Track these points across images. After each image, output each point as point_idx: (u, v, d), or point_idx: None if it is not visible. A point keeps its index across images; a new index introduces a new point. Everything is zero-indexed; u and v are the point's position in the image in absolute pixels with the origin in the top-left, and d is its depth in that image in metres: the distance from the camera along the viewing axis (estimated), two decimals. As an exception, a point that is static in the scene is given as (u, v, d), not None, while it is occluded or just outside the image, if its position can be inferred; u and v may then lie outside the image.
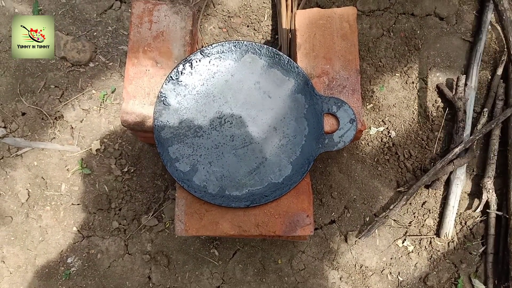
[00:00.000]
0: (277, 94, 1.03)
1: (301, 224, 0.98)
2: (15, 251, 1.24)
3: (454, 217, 1.23)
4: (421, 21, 1.36)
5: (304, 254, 1.23)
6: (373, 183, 1.27)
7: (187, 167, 1.01)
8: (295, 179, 0.99)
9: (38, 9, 1.37)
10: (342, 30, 1.06)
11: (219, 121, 1.02)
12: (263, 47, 1.03)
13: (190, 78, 1.02)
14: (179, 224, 0.99)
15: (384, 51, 1.34)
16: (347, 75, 1.03)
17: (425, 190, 1.26)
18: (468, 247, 1.24)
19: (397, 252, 1.24)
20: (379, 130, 1.29)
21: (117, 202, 1.26)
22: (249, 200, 0.98)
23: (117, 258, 1.23)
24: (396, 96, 1.31)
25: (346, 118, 1.00)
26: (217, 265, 1.23)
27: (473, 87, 1.29)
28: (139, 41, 1.04)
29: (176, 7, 1.06)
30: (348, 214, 1.25)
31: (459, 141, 1.24)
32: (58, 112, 1.31)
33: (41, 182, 1.27)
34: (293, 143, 1.02)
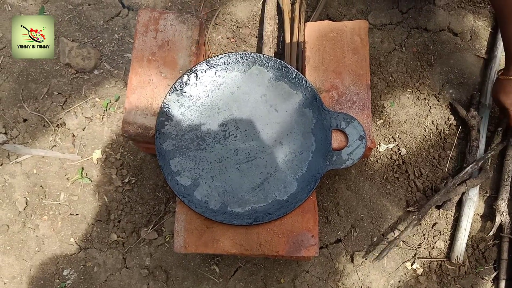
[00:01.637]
0: (284, 107, 1.00)
1: (305, 244, 0.94)
2: (10, 261, 1.20)
3: (466, 240, 1.18)
4: (434, 36, 1.33)
5: (308, 274, 1.18)
6: (381, 201, 1.22)
7: (188, 181, 0.97)
8: (301, 197, 0.95)
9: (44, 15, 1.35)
10: (353, 44, 1.02)
11: (223, 134, 0.99)
12: (270, 59, 1.00)
13: (194, 89, 0.99)
14: (178, 240, 0.95)
15: (396, 66, 1.30)
16: (357, 90, 1.00)
17: (436, 211, 1.21)
18: (479, 271, 1.19)
19: (406, 275, 1.19)
20: (389, 147, 1.25)
21: (117, 213, 1.22)
22: (252, 218, 0.94)
23: (114, 272, 1.19)
24: (407, 112, 1.27)
25: (355, 135, 0.96)
26: (217, 283, 1.18)
27: (487, 105, 1.25)
28: (144, 50, 1.01)
29: (182, 16, 1.03)
30: (355, 233, 1.21)
31: (472, 161, 1.19)
32: (60, 119, 1.28)
33: (40, 191, 1.24)
34: (300, 159, 0.98)
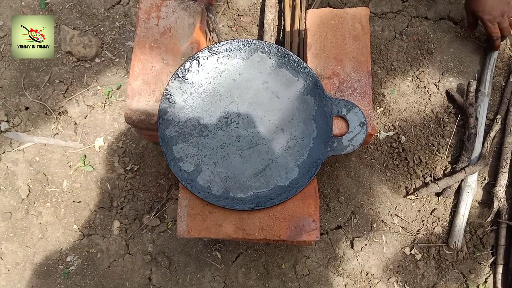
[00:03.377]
0: (286, 94, 1.00)
1: (306, 229, 0.95)
2: (14, 247, 1.21)
3: (464, 226, 1.19)
4: (434, 24, 1.33)
5: (309, 260, 1.20)
6: (381, 188, 1.24)
7: (191, 167, 0.98)
8: (302, 182, 0.96)
9: (45, 3, 1.35)
10: (354, 31, 1.03)
11: (225, 121, 1.00)
12: (272, 46, 1.00)
13: (197, 76, 1.00)
14: (181, 225, 0.96)
15: (396, 54, 1.31)
16: (358, 77, 1.00)
17: (435, 198, 1.23)
18: (477, 257, 1.21)
19: (405, 260, 1.20)
20: (389, 134, 1.26)
21: (119, 200, 1.23)
22: (254, 203, 0.95)
23: (118, 258, 1.20)
24: (407, 100, 1.28)
25: (356, 121, 0.97)
26: (219, 268, 1.20)
27: (486, 93, 1.26)
28: (146, 37, 1.01)
29: (184, 3, 1.03)
30: (355, 220, 1.22)
31: (471, 148, 1.21)
32: (62, 107, 1.29)
33: (43, 178, 1.25)
34: (301, 146, 0.99)
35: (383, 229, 1.21)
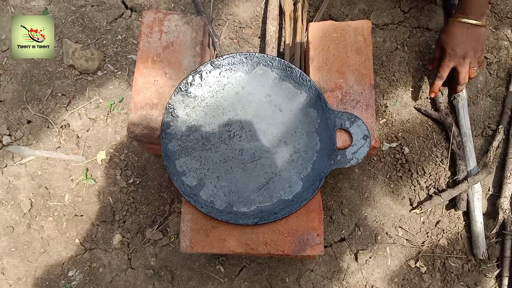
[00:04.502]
0: (289, 107, 1.00)
1: (311, 243, 0.95)
2: (15, 262, 1.21)
3: (484, 233, 1.18)
4: (436, 35, 1.33)
5: (313, 273, 1.19)
6: (385, 200, 1.23)
7: (194, 181, 0.98)
8: (306, 196, 0.96)
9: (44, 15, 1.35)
10: (356, 43, 1.03)
11: (228, 134, 0.99)
12: (275, 60, 1.01)
13: (199, 90, 1.00)
14: (184, 240, 0.95)
15: (398, 65, 1.31)
16: (361, 90, 1.00)
17: (439, 209, 1.22)
18: (482, 269, 1.19)
19: (409, 273, 1.19)
20: (392, 146, 1.26)
21: (121, 214, 1.23)
22: (258, 217, 0.95)
23: (120, 272, 1.19)
24: (410, 111, 1.28)
25: (359, 134, 0.97)
26: (222, 282, 1.19)
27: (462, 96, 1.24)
28: (149, 51, 1.02)
29: (187, 17, 1.04)
30: (359, 232, 1.21)
31: (463, 156, 1.20)
32: (64, 120, 1.29)
33: (45, 192, 1.24)
34: (304, 159, 0.98)
35: (387, 242, 1.20)
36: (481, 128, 1.27)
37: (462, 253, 1.20)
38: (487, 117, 1.28)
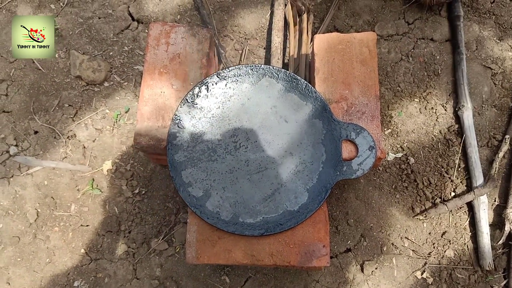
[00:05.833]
0: (294, 118, 1.01)
1: (317, 254, 0.94)
2: (21, 272, 1.21)
3: (490, 243, 1.17)
4: (440, 46, 1.34)
5: (318, 284, 1.18)
6: (390, 210, 1.22)
7: (200, 192, 0.98)
8: (312, 207, 0.96)
9: (55, 28, 1.37)
10: (361, 55, 1.04)
11: (234, 145, 1.00)
12: (280, 71, 1.01)
13: (205, 101, 1.01)
14: (190, 251, 0.95)
15: (403, 76, 1.31)
16: (366, 101, 1.01)
17: (445, 220, 1.21)
18: (489, 280, 1.18)
19: (416, 284, 1.18)
20: (397, 156, 1.26)
21: (127, 224, 1.23)
22: (264, 228, 0.95)
23: (125, 282, 1.19)
24: (415, 121, 1.28)
25: (365, 145, 0.97)
26: (227, 293, 1.19)
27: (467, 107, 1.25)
28: (155, 63, 1.03)
29: (193, 29, 1.05)
30: (364, 243, 1.21)
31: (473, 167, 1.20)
32: (71, 131, 1.30)
33: (51, 202, 1.25)
34: (310, 170, 0.98)
35: (393, 252, 1.20)
36: (487, 139, 1.27)
37: (468, 264, 1.19)
38: (493, 127, 1.28)
